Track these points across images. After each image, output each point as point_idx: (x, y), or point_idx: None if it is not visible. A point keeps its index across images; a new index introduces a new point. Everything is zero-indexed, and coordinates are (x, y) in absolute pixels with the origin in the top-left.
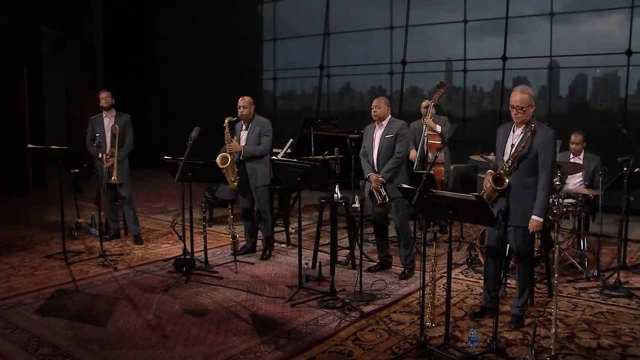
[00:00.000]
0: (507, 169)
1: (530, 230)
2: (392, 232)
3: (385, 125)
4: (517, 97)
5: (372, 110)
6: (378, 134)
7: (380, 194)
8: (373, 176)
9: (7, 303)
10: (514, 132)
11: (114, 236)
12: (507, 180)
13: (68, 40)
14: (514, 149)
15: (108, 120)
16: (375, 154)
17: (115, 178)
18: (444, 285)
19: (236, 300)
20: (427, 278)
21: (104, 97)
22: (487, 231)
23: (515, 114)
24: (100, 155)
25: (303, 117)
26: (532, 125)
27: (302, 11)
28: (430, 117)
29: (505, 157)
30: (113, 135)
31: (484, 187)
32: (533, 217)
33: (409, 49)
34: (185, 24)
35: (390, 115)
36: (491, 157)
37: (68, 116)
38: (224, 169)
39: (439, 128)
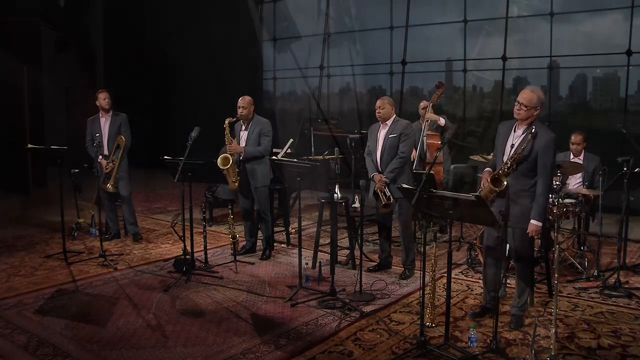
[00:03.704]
0: (506, 170)
1: (530, 235)
2: (395, 232)
3: (389, 125)
4: (526, 94)
5: (377, 111)
6: (382, 133)
7: (385, 194)
8: (377, 176)
9: (7, 303)
10: (514, 131)
11: (114, 236)
12: (505, 182)
13: (68, 40)
14: (513, 150)
15: (105, 120)
16: (378, 153)
17: (111, 186)
18: (444, 285)
19: (236, 300)
20: (427, 278)
21: (104, 98)
22: (486, 231)
23: (518, 110)
24: (99, 158)
25: (303, 117)
26: (534, 127)
27: (302, 11)
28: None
29: (505, 157)
30: (117, 146)
31: (482, 185)
32: (532, 221)
33: (409, 49)
34: (185, 23)
35: (394, 115)
36: (490, 157)
37: (68, 116)
38: (225, 170)
39: (442, 120)
